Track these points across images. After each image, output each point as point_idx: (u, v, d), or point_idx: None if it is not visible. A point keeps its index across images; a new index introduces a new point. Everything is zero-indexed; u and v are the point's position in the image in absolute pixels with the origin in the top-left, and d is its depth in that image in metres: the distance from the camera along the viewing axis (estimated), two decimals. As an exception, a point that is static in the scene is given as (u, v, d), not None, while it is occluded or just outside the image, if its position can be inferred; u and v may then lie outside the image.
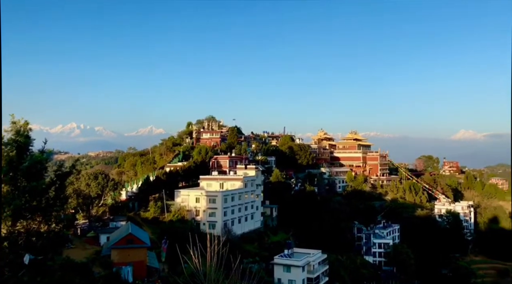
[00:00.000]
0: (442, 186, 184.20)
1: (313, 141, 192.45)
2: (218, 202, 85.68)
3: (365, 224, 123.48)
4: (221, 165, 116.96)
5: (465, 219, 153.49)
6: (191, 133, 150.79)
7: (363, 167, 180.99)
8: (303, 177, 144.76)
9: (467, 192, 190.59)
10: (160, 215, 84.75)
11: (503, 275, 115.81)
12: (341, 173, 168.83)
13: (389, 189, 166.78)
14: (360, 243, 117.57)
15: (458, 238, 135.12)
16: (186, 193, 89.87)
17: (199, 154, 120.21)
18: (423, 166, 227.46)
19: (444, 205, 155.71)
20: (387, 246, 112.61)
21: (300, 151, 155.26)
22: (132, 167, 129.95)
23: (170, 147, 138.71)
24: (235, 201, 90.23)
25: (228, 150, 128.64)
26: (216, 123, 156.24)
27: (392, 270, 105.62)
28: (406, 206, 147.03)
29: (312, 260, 73.37)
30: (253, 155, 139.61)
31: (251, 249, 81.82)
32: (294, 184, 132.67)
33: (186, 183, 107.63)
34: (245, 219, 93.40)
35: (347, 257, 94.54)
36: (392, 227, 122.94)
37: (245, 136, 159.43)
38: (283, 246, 77.56)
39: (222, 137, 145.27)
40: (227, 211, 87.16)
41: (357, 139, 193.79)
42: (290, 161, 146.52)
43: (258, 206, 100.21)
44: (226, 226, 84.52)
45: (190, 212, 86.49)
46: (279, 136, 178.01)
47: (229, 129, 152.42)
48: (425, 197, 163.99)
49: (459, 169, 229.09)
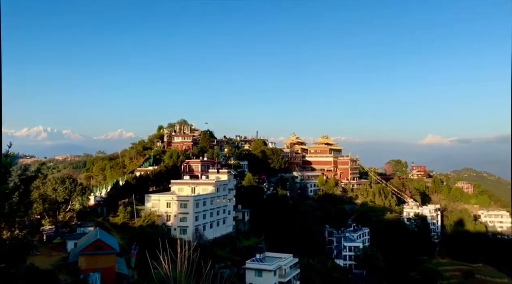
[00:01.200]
0: (411, 189, 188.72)
1: (286, 145, 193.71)
2: (190, 207, 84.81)
3: (336, 227, 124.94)
4: (193, 169, 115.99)
5: (433, 222, 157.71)
6: (162, 137, 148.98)
7: (334, 171, 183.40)
8: (276, 181, 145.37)
9: (434, 196, 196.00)
10: (129, 220, 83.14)
11: (467, 276, 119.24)
12: (312, 177, 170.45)
13: (360, 193, 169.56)
14: (331, 247, 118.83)
15: (425, 240, 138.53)
16: (156, 198, 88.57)
17: (171, 158, 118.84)
18: (392, 170, 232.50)
19: (413, 208, 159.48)
20: (358, 249, 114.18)
21: (272, 155, 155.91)
22: (101, 172, 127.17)
23: (140, 151, 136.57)
24: (207, 205, 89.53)
25: (200, 154, 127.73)
26: (188, 127, 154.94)
27: (362, 273, 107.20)
28: (375, 210, 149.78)
29: (283, 264, 73.51)
30: (226, 159, 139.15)
31: (223, 254, 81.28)
32: (266, 188, 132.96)
33: (157, 188, 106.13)
34: (217, 224, 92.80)
35: (318, 260, 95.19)
36: (362, 230, 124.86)
37: (217, 140, 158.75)
38: (255, 250, 77.44)
39: (194, 141, 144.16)
40: (199, 216, 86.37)
41: (329, 144, 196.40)
42: (263, 165, 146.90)
43: (230, 210, 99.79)
44: (197, 231, 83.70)
45: (160, 217, 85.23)
46: (252, 140, 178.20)
47: (201, 133, 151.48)
48: (394, 201, 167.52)
49: (427, 173, 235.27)
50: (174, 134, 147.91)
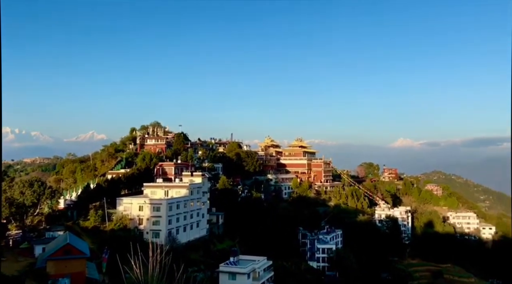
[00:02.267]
0: (382, 192, 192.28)
1: (260, 148, 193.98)
2: (163, 210, 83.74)
3: (310, 229, 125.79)
4: (166, 172, 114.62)
5: (403, 223, 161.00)
6: (134, 139, 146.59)
7: (308, 174, 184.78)
8: (250, 184, 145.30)
9: (405, 198, 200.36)
10: (101, 224, 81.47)
11: (436, 276, 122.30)
12: (287, 179, 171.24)
13: (333, 195, 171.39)
14: (305, 249, 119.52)
15: (396, 242, 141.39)
16: (129, 201, 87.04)
17: (143, 161, 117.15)
18: (364, 172, 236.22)
19: (384, 210, 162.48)
20: (331, 251, 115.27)
21: (247, 158, 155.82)
22: (71, 174, 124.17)
23: (112, 154, 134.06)
24: (181, 209, 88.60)
25: (174, 156, 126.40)
26: (161, 129, 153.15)
27: (335, 274, 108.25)
28: (348, 212, 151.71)
29: (257, 267, 73.45)
30: (200, 162, 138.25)
31: (196, 257, 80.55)
32: (241, 191, 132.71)
33: (129, 191, 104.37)
34: (190, 227, 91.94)
35: (292, 263, 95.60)
36: (335, 232, 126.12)
37: (191, 142, 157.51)
38: (229, 253, 77.06)
39: (168, 143, 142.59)
40: (172, 219, 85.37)
41: (303, 146, 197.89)
42: (238, 168, 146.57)
43: (204, 213, 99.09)
44: (170, 234, 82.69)
45: (133, 221, 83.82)
46: (227, 143, 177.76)
47: (175, 135, 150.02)
48: (366, 203, 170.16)
49: (398, 176, 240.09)
50: (147, 137, 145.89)
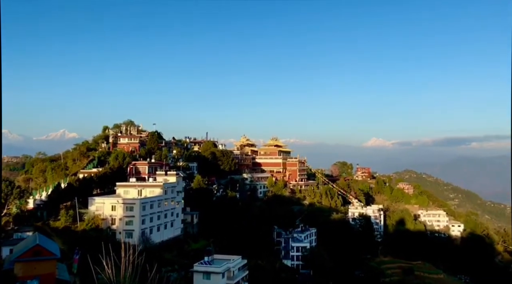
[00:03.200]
0: (355, 190, 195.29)
1: (236, 147, 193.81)
2: (136, 210, 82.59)
3: (284, 228, 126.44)
4: (139, 171, 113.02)
5: (376, 221, 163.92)
6: (107, 138, 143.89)
7: (283, 173, 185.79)
8: (225, 183, 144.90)
9: (377, 196, 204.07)
10: (72, 224, 79.61)
11: (407, 273, 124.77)
12: (262, 178, 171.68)
13: (307, 194, 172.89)
14: (279, 247, 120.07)
15: (369, 240, 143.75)
16: (101, 200, 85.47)
17: (116, 160, 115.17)
18: (338, 171, 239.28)
19: (357, 208, 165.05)
20: (305, 249, 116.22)
21: (222, 157, 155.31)
22: (41, 174, 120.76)
23: (84, 152, 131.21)
24: (154, 208, 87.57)
25: (148, 155, 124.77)
26: (135, 127, 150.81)
27: (309, 273, 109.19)
28: (322, 210, 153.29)
29: (232, 266, 73.28)
30: (174, 161, 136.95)
31: (170, 257, 79.82)
32: (216, 190, 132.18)
33: (102, 191, 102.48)
34: (164, 227, 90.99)
35: (266, 261, 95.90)
36: (310, 230, 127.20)
37: (166, 141, 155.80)
38: (204, 253, 76.56)
39: (141, 142, 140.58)
40: (146, 219, 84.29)
41: (278, 146, 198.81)
42: (213, 167, 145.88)
43: (178, 213, 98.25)
44: (144, 234, 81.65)
45: (105, 221, 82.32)
46: (202, 142, 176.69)
47: (148, 134, 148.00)
48: (340, 201, 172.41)
49: (371, 175, 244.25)
50: (120, 135, 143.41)
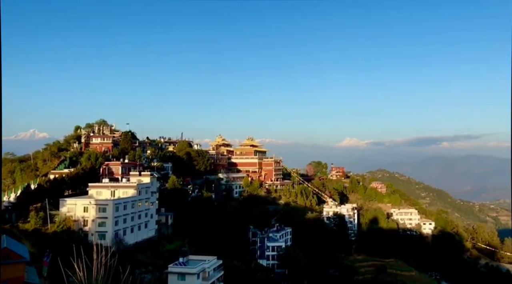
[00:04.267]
0: (330, 190, 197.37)
1: (211, 147, 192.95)
2: (109, 211, 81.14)
3: (260, 228, 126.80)
4: (112, 171, 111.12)
5: (350, 220, 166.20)
6: (79, 138, 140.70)
7: (259, 173, 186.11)
8: (201, 183, 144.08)
9: (351, 195, 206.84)
10: (42, 226, 77.48)
11: (380, 271, 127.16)
12: (238, 178, 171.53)
13: (283, 194, 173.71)
14: (255, 247, 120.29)
15: (343, 238, 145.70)
16: (73, 202, 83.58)
17: (88, 160, 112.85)
18: (313, 171, 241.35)
19: (332, 207, 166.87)
20: (280, 249, 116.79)
21: (198, 157, 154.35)
22: (10, 175, 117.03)
23: (55, 153, 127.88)
24: (128, 209, 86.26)
25: (121, 156, 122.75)
26: (108, 127, 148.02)
27: (284, 272, 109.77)
28: (298, 210, 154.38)
29: (207, 266, 72.97)
30: (149, 161, 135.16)
31: (144, 259, 78.80)
32: (191, 190, 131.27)
33: (73, 192, 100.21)
34: (138, 228, 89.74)
35: (242, 261, 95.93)
36: (285, 230, 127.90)
37: (139, 141, 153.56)
38: (178, 254, 75.95)
39: (115, 142, 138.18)
40: (119, 220, 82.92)
41: (254, 146, 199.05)
42: (188, 167, 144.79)
43: (152, 214, 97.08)
44: (117, 236, 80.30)
45: (77, 223, 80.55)
46: (177, 142, 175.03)
47: (122, 134, 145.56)
48: (315, 201, 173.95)
49: (345, 174, 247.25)
50: (93, 135, 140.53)
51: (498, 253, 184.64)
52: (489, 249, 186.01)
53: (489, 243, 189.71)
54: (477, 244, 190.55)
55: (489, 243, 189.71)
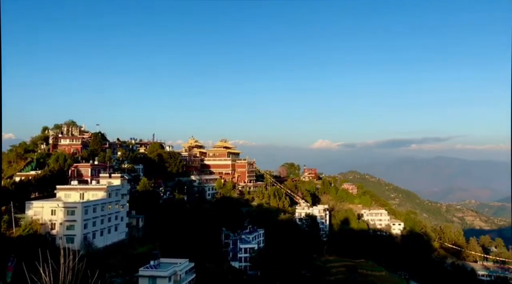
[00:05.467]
0: (302, 191, 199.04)
1: (184, 148, 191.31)
2: (78, 214, 79.22)
3: (233, 230, 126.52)
4: (82, 173, 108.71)
5: (322, 221, 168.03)
6: (47, 139, 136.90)
7: (232, 174, 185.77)
8: (173, 185, 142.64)
9: (323, 197, 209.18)
10: (7, 230, 74.91)
11: (351, 271, 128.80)
12: (211, 180, 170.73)
13: (256, 195, 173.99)
14: (227, 249, 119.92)
15: (315, 239, 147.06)
16: (39, 205, 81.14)
17: (57, 162, 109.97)
18: (286, 172, 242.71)
19: (304, 209, 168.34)
20: (253, 250, 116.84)
21: (170, 158, 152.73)
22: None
23: (21, 154, 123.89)
24: (98, 212, 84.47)
25: (91, 157, 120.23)
26: (77, 128, 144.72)
27: (256, 274, 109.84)
28: (270, 211, 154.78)
29: (179, 269, 72.32)
30: (119, 163, 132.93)
31: (114, 262, 77.33)
32: (163, 192, 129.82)
33: (40, 194, 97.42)
34: (108, 231, 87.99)
35: (214, 264, 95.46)
36: (258, 232, 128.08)
37: (110, 142, 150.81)
38: (149, 257, 74.93)
39: (84, 143, 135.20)
40: (88, 223, 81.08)
41: (227, 147, 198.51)
42: (160, 169, 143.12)
43: (123, 216, 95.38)
44: (86, 239, 78.55)
45: (44, 226, 78.27)
46: (148, 143, 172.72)
47: (92, 135, 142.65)
48: (288, 202, 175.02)
49: (317, 176, 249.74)
50: (61, 136, 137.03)
51: (464, 252, 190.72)
52: (455, 249, 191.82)
53: (455, 242, 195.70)
54: (444, 244, 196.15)
55: (455, 242, 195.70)
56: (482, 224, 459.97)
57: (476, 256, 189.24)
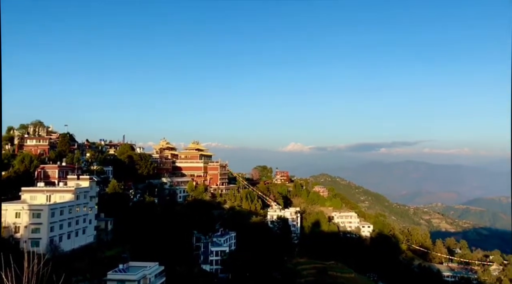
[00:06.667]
0: (274, 193, 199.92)
1: (155, 150, 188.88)
2: (44, 217, 76.95)
3: (204, 233, 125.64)
4: (49, 175, 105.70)
5: (293, 224, 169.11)
6: (12, 139, 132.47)
7: (204, 177, 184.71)
8: (143, 188, 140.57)
9: (295, 199, 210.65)
10: (-33, 234, 71.95)
11: (321, 273, 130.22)
12: (182, 183, 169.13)
13: (228, 198, 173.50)
14: (198, 252, 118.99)
15: (287, 241, 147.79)
16: (3, 207, 78.30)
17: (22, 163, 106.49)
18: (259, 175, 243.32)
19: (276, 211, 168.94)
20: (224, 253, 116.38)
21: (140, 160, 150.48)
22: None
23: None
24: (65, 215, 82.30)
25: (58, 159, 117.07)
26: (44, 129, 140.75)
27: (227, 276, 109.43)
28: (242, 214, 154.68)
29: (148, 273, 71.24)
30: (88, 164, 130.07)
31: (81, 266, 75.43)
32: (133, 195, 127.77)
33: (4, 196, 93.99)
34: (76, 234, 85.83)
35: (185, 267, 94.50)
36: (229, 234, 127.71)
37: (79, 144, 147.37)
38: (118, 260, 73.57)
39: (52, 144, 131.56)
40: (55, 226, 78.86)
41: (199, 149, 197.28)
42: (130, 171, 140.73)
43: (91, 219, 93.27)
44: (52, 242, 76.33)
45: (7, 229, 75.62)
46: (118, 145, 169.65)
47: (60, 136, 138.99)
48: (260, 205, 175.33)
49: (289, 178, 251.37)
50: (27, 137, 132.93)
51: (430, 254, 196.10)
52: (422, 250, 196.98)
53: (422, 244, 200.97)
54: (411, 246, 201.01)
55: (422, 244, 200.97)
56: (447, 227, 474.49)
57: (442, 257, 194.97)
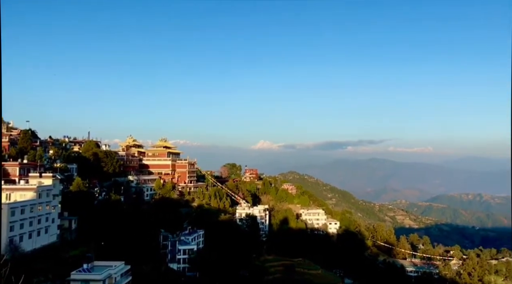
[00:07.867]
0: (243, 191, 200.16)
1: (121, 148, 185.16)
2: (3, 216, 73.97)
3: (172, 231, 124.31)
4: (9, 173, 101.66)
5: (262, 221, 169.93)
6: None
7: (172, 175, 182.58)
8: (109, 186, 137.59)
9: (264, 197, 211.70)
10: None
11: (289, 270, 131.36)
12: (149, 181, 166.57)
13: (196, 196, 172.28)
14: (166, 251, 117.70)
15: (255, 239, 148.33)
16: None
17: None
18: (228, 173, 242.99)
19: (244, 209, 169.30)
20: (192, 252, 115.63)
21: (106, 158, 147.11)
22: None
23: None
24: (26, 214, 79.44)
25: (19, 156, 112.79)
26: (4, 124, 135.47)
27: (195, 275, 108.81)
28: (211, 212, 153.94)
29: (114, 272, 69.85)
30: (51, 162, 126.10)
31: (43, 266, 73.09)
32: (98, 193, 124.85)
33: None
34: (37, 234, 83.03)
35: (151, 266, 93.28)
36: (197, 232, 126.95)
37: (41, 140, 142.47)
38: (82, 260, 71.66)
39: (12, 141, 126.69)
40: (15, 226, 76.03)
41: (167, 147, 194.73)
42: (95, 169, 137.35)
43: (54, 218, 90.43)
44: (12, 242, 73.56)
45: (-37, 229, 72.30)
46: (83, 142, 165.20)
47: (21, 132, 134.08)
48: (228, 203, 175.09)
49: (258, 176, 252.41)
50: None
51: (395, 249, 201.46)
52: (386, 247, 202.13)
53: (387, 240, 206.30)
54: (376, 242, 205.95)
55: (387, 240, 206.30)
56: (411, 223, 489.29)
57: (406, 253, 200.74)
